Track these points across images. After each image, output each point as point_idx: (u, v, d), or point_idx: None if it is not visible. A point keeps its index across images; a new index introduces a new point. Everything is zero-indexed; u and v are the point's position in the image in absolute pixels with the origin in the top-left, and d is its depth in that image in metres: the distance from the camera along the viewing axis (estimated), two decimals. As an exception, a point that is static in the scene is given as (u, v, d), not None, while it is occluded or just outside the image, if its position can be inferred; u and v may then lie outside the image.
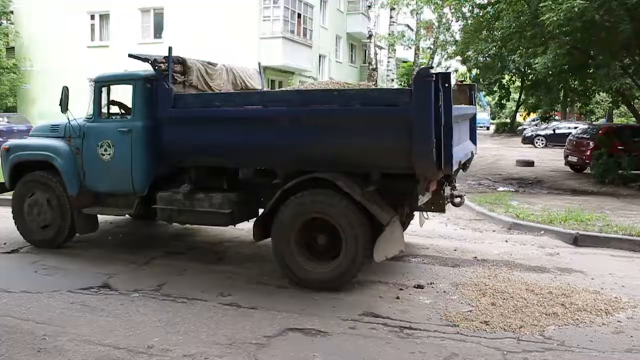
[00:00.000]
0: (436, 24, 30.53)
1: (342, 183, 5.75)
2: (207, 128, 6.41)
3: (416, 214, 7.33)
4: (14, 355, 4.40)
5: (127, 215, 7.80)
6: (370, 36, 21.92)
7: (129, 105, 7.23)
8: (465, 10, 19.37)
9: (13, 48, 26.40)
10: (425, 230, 8.72)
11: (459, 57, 23.35)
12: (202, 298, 5.66)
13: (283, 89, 7.79)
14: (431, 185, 5.97)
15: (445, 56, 32.75)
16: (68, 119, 7.32)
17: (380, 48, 32.22)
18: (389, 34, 26.91)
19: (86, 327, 4.92)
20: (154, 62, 6.79)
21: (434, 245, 7.87)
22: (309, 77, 27.53)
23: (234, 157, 6.46)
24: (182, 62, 7.06)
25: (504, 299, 5.59)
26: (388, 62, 30.13)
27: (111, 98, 7.57)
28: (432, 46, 32.43)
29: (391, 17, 28.08)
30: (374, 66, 21.81)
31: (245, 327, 4.91)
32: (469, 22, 18.86)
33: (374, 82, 21.31)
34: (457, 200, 7.06)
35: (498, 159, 21.62)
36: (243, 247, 7.75)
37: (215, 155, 6.49)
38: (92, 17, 25.96)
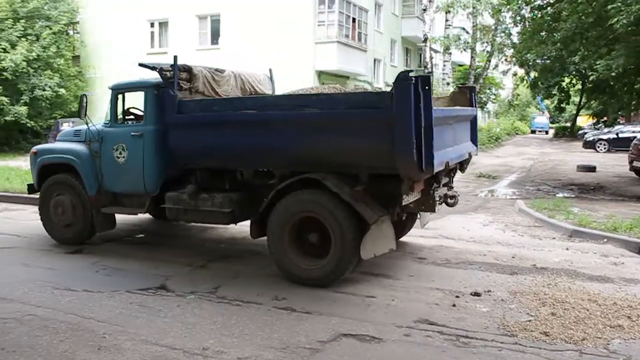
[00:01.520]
0: (493, 26, 29.97)
1: (331, 183, 6.01)
2: (208, 132, 6.78)
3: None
4: (76, 352, 4.54)
5: (139, 215, 8.21)
6: (425, 40, 21.71)
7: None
8: (524, 12, 18.91)
9: (78, 56, 27.40)
10: (482, 236, 8.58)
11: (515, 60, 22.82)
12: (256, 301, 5.70)
13: (279, 94, 7.99)
14: (416, 186, 6.11)
15: (503, 59, 32.13)
16: (87, 124, 7.77)
17: (436, 51, 31.86)
18: (445, 37, 26.58)
19: (144, 327, 5.03)
20: (160, 71, 7.19)
21: (491, 252, 7.69)
22: (364, 81, 27.45)
23: (233, 160, 6.85)
24: (187, 69, 7.41)
25: (565, 309, 5.39)
26: (444, 65, 29.75)
27: (131, 105, 7.97)
28: (488, 49, 31.84)
29: (447, 20, 27.74)
30: (430, 70, 21.55)
31: (299, 331, 4.91)
32: (528, 24, 18.41)
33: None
34: (451, 200, 7.13)
35: (557, 164, 21.01)
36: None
37: (217, 158, 6.89)
38: (152, 25, 26.69)
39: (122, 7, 26.28)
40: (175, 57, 7.24)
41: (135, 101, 7.76)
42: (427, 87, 5.56)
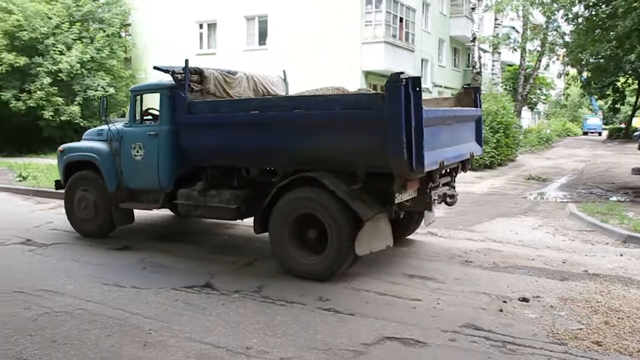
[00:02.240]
0: (544, 25, 29.25)
1: (327, 181, 6.24)
2: (215, 131, 7.12)
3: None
4: (123, 347, 4.63)
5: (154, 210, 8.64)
6: (473, 39, 21.33)
7: None
8: (576, 9, 18.40)
9: (130, 58, 28.06)
10: (531, 240, 8.37)
11: (568, 59, 22.22)
12: (300, 302, 5.69)
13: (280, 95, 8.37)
14: (409, 184, 6.32)
15: (554, 58, 31.30)
16: (108, 124, 8.30)
17: (485, 51, 31.29)
18: (494, 37, 26.10)
19: (189, 325, 5.08)
20: (172, 73, 7.53)
21: (540, 257, 7.48)
22: (411, 81, 27.23)
23: (239, 158, 7.16)
24: (199, 72, 7.74)
25: (619, 318, 5.19)
26: (493, 65, 29.18)
27: (149, 106, 8.40)
28: (539, 48, 31.08)
29: (496, 19, 27.19)
30: (478, 70, 21.17)
31: (342, 333, 4.87)
32: (581, 21, 17.89)
33: (478, 87, 20.69)
34: (450, 200, 7.29)
35: (611, 166, 20.34)
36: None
37: (224, 156, 7.25)
38: (201, 26, 27.08)
39: (172, 9, 26.77)
40: (186, 61, 7.57)
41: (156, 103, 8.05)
42: (417, 89, 5.71)
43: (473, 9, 22.05)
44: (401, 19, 24.68)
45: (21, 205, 11.86)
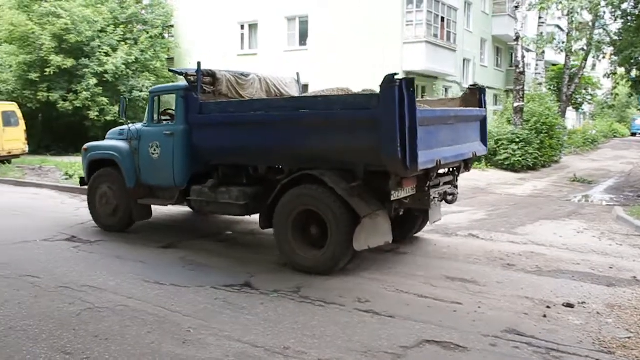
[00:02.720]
0: (590, 23, 28.47)
1: (328, 179, 6.47)
2: (224, 131, 7.45)
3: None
4: (162, 344, 4.67)
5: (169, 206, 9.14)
6: (517, 38, 20.91)
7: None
8: (625, 6, 17.84)
9: (173, 59, 28.49)
10: (576, 244, 8.15)
11: (615, 58, 21.55)
12: (339, 303, 5.65)
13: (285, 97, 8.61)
14: (405, 182, 6.44)
15: (601, 57, 30.43)
16: (127, 124, 8.86)
17: (528, 50, 30.66)
18: (538, 36, 25.52)
19: (227, 324, 5.10)
20: (185, 75, 7.90)
21: (585, 261, 7.27)
22: (453, 82, 26.89)
23: (247, 156, 7.46)
24: (211, 74, 8.03)
25: (670, 326, 5.00)
26: (536, 65, 28.59)
27: (167, 107, 8.84)
28: (585, 47, 30.28)
29: (540, 17, 26.60)
30: (521, 70, 20.73)
31: (381, 335, 4.82)
32: (630, 19, 17.36)
33: (521, 87, 20.28)
34: (450, 197, 7.39)
35: (661, 169, 19.71)
36: (383, 254, 7.67)
37: (233, 155, 7.57)
38: (242, 27, 27.31)
39: (214, 10, 27.07)
40: (199, 64, 7.92)
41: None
42: (411, 90, 5.91)
43: (516, 7, 21.57)
44: (443, 19, 24.39)
45: (67, 203, 12.15)
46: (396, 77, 5.93)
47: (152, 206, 9.08)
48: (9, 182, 16.16)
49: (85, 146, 9.69)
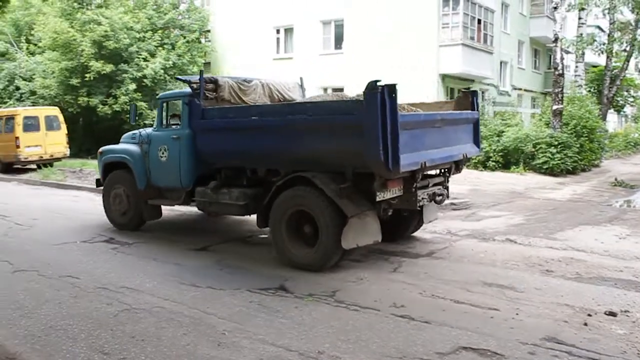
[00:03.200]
0: (633, 23, 27.75)
1: (318, 180, 6.78)
2: (225, 135, 7.87)
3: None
4: (197, 346, 4.70)
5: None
6: (555, 40, 20.49)
7: None
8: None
9: (209, 63, 28.81)
10: (619, 250, 7.93)
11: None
12: (374, 307, 5.61)
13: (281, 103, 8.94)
14: (390, 184, 6.70)
15: (643, 58, 29.64)
16: (139, 129, 9.32)
17: (567, 52, 30.03)
18: (577, 37, 24.99)
19: (262, 327, 5.11)
20: (189, 83, 8.40)
21: (629, 268, 7.05)
22: (490, 84, 26.53)
23: (246, 159, 7.79)
24: (214, 81, 8.51)
25: None
26: (576, 67, 27.99)
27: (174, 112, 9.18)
28: (627, 48, 29.52)
29: (580, 18, 26.04)
30: (560, 72, 20.32)
31: (416, 341, 4.75)
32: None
33: (560, 89, 19.88)
34: (439, 198, 7.64)
35: None
36: (419, 259, 7.60)
37: (233, 158, 7.92)
38: (278, 31, 27.45)
39: (250, 14, 27.26)
40: (201, 71, 8.55)
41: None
42: (393, 95, 6.16)
43: (555, 8, 21.14)
44: (479, 21, 24.08)
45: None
46: (378, 83, 6.21)
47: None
48: (51, 184, 16.58)
49: (100, 149, 10.21)
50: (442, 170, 7.97)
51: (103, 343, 4.79)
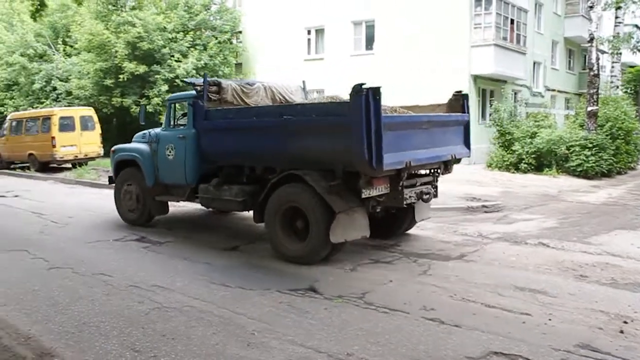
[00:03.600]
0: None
1: (309, 178, 7.14)
2: (226, 135, 8.29)
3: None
4: (227, 346, 4.73)
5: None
6: (591, 39, 20.08)
7: None
8: None
9: (241, 64, 29.01)
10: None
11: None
12: (404, 310, 5.56)
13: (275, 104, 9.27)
14: (375, 182, 7.04)
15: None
16: (148, 129, 9.89)
17: (603, 52, 29.43)
18: (614, 36, 24.45)
19: (291, 328, 5.11)
20: (193, 85, 8.85)
21: (667, 274, 6.87)
22: (523, 85, 26.17)
23: (245, 158, 8.20)
24: (217, 84, 8.87)
25: None
26: (612, 67, 27.44)
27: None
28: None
29: (617, 17, 25.49)
30: (595, 72, 19.91)
31: (446, 345, 4.70)
32: None
33: (595, 90, 19.47)
34: (426, 197, 7.91)
35: None
36: (449, 261, 7.53)
37: (233, 156, 8.34)
38: (309, 32, 27.49)
39: (281, 15, 27.36)
40: (204, 74, 8.96)
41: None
42: (377, 97, 6.50)
43: (591, 7, 20.70)
44: (512, 21, 23.76)
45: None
46: (363, 86, 6.52)
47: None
48: (85, 183, 16.91)
49: (113, 148, 10.77)
50: (432, 170, 8.32)
51: (134, 340, 4.85)
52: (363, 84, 6.56)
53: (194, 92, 8.89)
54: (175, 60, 24.07)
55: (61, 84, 26.86)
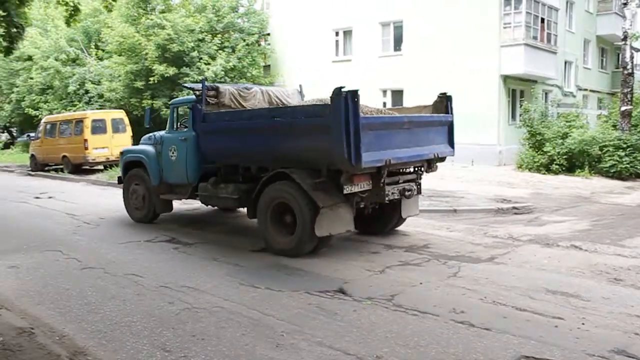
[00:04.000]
0: None
1: (296, 175, 7.62)
2: (222, 136, 8.86)
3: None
4: (256, 347, 4.75)
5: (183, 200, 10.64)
6: (625, 37, 19.67)
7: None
8: None
9: (269, 66, 29.15)
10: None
11: None
12: (434, 312, 5.52)
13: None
14: (355, 178, 7.45)
15: None
16: (153, 131, 10.68)
17: (637, 50, 28.81)
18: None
19: (320, 329, 5.11)
20: (192, 90, 9.47)
21: None
22: (553, 85, 25.76)
23: (240, 158, 8.74)
24: (215, 89, 9.38)
25: None
26: (647, 66, 26.84)
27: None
28: None
29: (652, 14, 24.96)
30: (630, 71, 19.49)
31: (476, 348, 4.65)
32: None
33: (629, 89, 19.07)
34: (408, 193, 8.31)
35: None
36: (479, 263, 7.44)
37: (229, 156, 8.91)
38: (337, 33, 27.45)
39: (308, 17, 27.41)
40: (203, 80, 9.77)
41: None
42: (355, 100, 6.96)
43: (625, 4, 20.26)
44: (542, 20, 23.40)
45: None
46: (342, 90, 6.99)
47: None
48: (116, 185, 17.10)
49: (121, 150, 11.66)
50: (415, 168, 8.70)
51: (165, 340, 4.91)
52: (342, 87, 7.01)
53: (192, 97, 9.48)
54: (204, 63, 24.30)
55: (93, 86, 27.37)
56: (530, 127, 19.88)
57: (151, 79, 23.78)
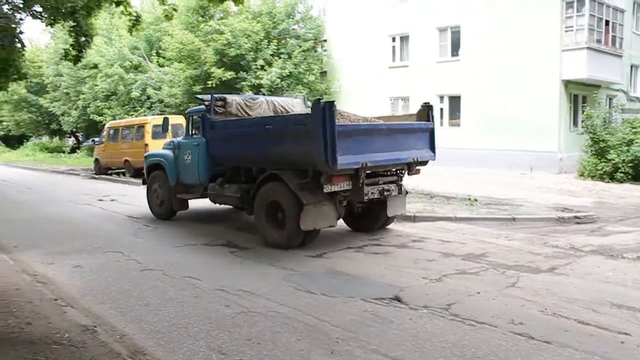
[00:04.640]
0: None
1: (285, 176, 8.58)
2: (226, 142, 10.03)
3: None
4: (310, 352, 4.76)
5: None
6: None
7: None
8: None
9: (325, 72, 29.27)
10: None
11: None
12: (492, 323, 5.39)
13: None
14: (334, 179, 8.23)
15: None
16: (172, 137, 12.74)
17: None
18: None
19: (375, 337, 5.07)
20: (202, 100, 10.71)
21: None
22: (618, 90, 24.82)
23: (242, 161, 9.82)
24: (222, 99, 10.59)
25: None
26: None
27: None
28: None
29: None
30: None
31: (537, 361, 4.51)
32: None
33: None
34: (386, 193, 9.14)
35: None
36: (539, 274, 7.22)
37: (234, 159, 10.05)
38: (393, 39, 27.32)
39: (364, 23, 27.37)
40: (212, 93, 10.98)
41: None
42: (332, 110, 7.81)
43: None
44: (607, 22, 22.58)
45: (222, 210, 12.85)
46: (321, 101, 7.99)
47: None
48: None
49: (145, 154, 13.24)
50: (396, 171, 9.46)
51: (221, 343, 4.97)
52: (320, 98, 7.67)
53: (203, 106, 10.58)
54: (260, 68, 24.60)
55: (154, 92, 28.16)
56: (593, 133, 19.19)
57: (209, 82, 24.23)
